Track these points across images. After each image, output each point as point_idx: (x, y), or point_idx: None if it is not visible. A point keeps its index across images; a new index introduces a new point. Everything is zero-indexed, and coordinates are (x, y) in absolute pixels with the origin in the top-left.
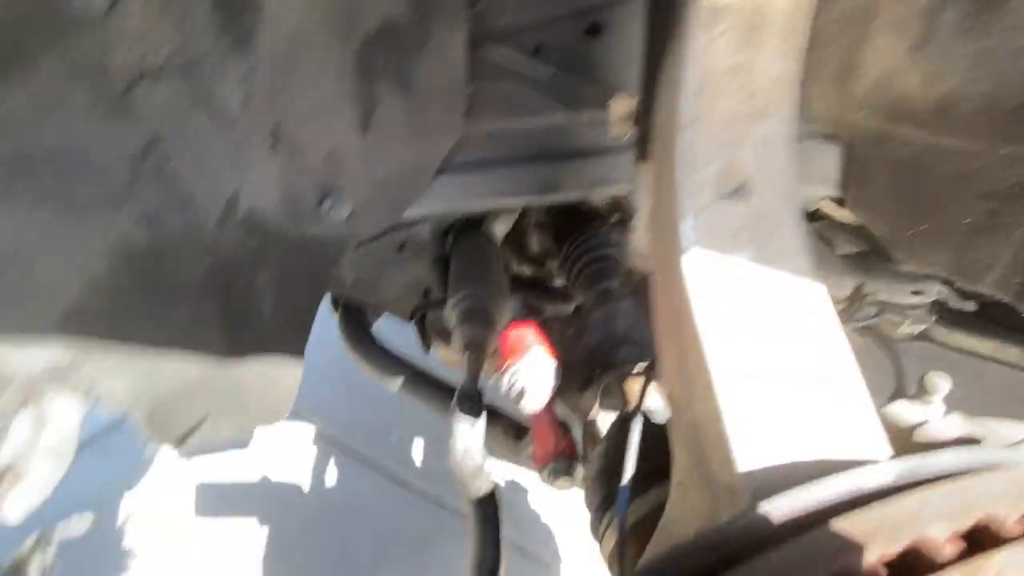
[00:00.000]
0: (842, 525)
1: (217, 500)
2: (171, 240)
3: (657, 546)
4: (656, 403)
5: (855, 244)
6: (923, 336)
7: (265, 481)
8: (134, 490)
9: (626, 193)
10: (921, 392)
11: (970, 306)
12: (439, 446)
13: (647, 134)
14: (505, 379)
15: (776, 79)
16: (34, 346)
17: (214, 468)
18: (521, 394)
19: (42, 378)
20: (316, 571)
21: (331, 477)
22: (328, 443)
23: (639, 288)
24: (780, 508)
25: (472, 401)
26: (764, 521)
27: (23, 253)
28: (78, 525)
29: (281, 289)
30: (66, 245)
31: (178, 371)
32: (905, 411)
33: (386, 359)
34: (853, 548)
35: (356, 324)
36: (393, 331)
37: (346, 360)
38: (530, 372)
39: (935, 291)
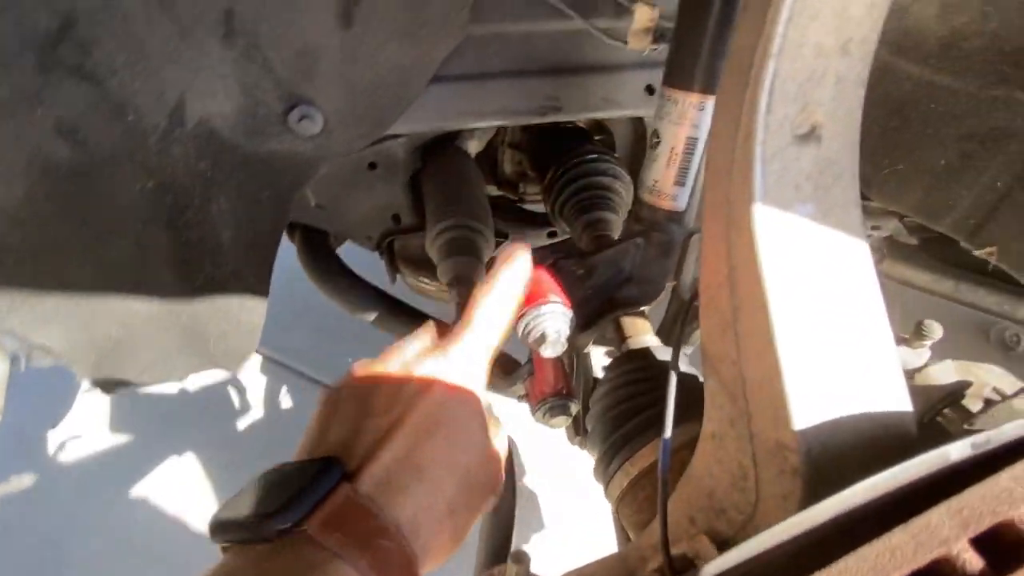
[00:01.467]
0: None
1: (159, 429)
2: (102, 157)
3: (686, 495)
4: (653, 341)
5: None
6: None
7: (214, 409)
8: (63, 423)
9: (629, 117)
10: (917, 336)
11: (913, 240)
12: None
13: (683, 53)
14: (522, 325)
15: (869, 7)
16: None
17: (150, 397)
18: (540, 340)
19: None
20: None
21: (286, 402)
22: (279, 370)
23: (647, 227)
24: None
25: None
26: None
27: None
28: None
29: (241, 216)
30: None
31: (124, 313)
32: (905, 355)
33: (359, 289)
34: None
35: (321, 251)
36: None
37: (289, 284)
38: (550, 320)
39: (891, 226)
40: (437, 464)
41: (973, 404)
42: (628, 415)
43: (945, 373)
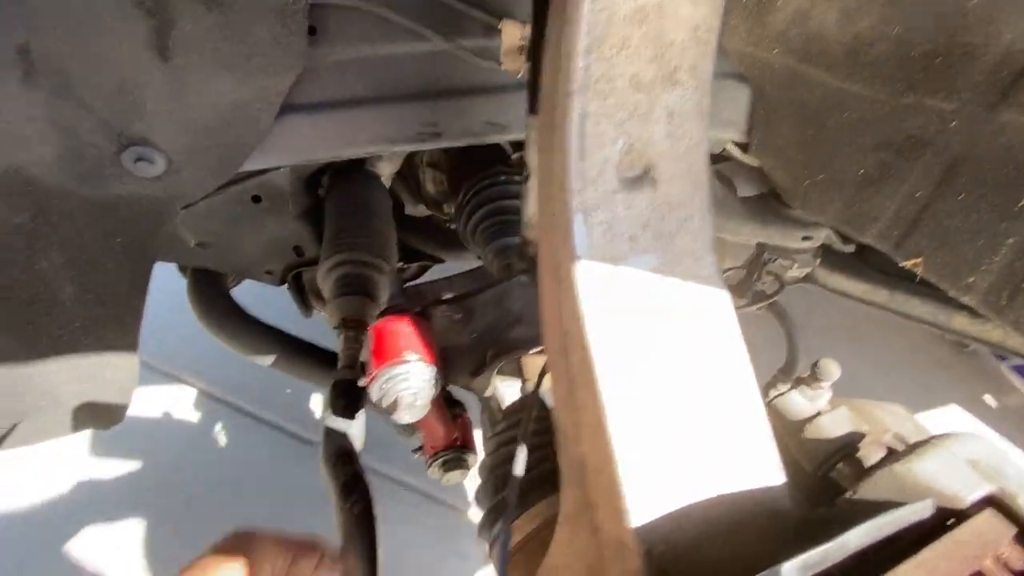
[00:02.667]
0: None
1: (82, 474)
2: None
3: None
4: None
5: (755, 186)
6: (807, 278)
7: (148, 449)
8: None
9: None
10: (813, 377)
11: (849, 248)
12: None
13: (537, 80)
14: (375, 388)
15: (691, 31)
16: None
17: (73, 441)
18: (394, 406)
19: None
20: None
21: (222, 439)
22: (214, 405)
23: (531, 265)
24: None
25: (348, 396)
26: None
27: None
28: None
29: (81, 270)
30: None
31: None
32: (797, 402)
33: (254, 331)
34: None
35: (211, 292)
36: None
37: None
38: (403, 382)
39: (823, 236)
40: None
41: (873, 453)
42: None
43: (838, 423)
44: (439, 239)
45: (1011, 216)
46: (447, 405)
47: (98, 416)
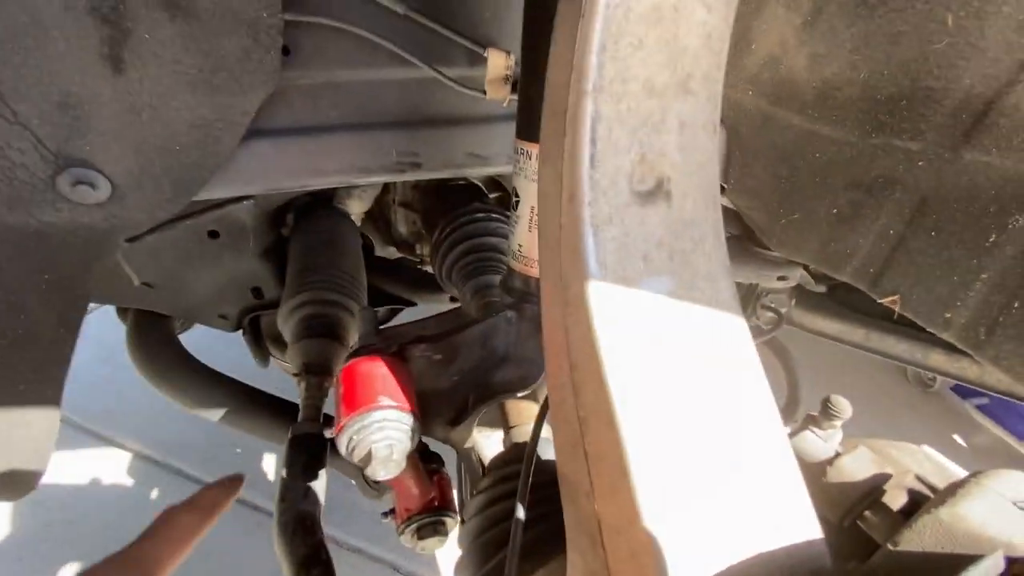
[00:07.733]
0: None
1: (16, 540)
2: None
3: None
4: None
5: (732, 228)
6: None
7: (73, 519)
8: None
9: (505, 173)
10: (826, 415)
11: (820, 288)
12: None
13: (530, 102)
14: (345, 439)
15: (705, 38)
16: None
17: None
18: (367, 459)
19: None
20: None
21: (161, 504)
22: (153, 469)
23: (519, 298)
24: None
25: (309, 452)
26: None
27: None
28: None
29: (3, 308)
30: None
31: None
32: (813, 442)
33: (204, 381)
34: None
35: (155, 338)
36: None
37: None
38: (379, 432)
39: (798, 275)
40: None
41: (896, 497)
42: (503, 541)
43: (862, 464)
44: (410, 281)
45: (982, 252)
46: (423, 460)
47: (5, 484)
